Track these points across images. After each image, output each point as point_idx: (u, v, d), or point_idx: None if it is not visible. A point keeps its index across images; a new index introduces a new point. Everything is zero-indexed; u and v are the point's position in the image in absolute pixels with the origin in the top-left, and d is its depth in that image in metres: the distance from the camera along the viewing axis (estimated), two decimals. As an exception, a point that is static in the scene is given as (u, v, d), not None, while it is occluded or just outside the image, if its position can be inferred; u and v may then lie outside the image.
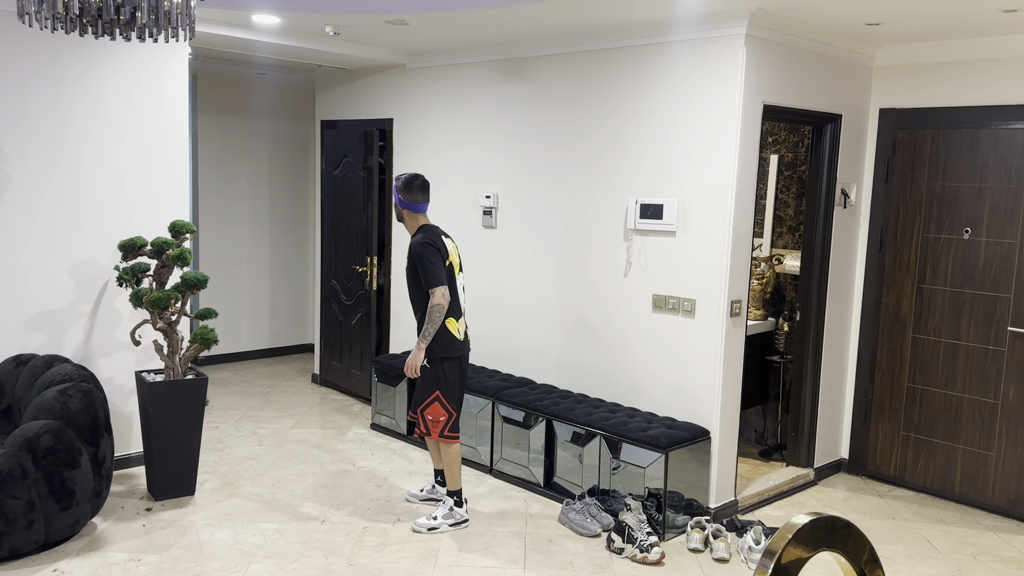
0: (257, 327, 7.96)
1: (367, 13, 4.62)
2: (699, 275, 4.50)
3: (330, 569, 3.85)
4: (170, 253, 4.51)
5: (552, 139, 5.20)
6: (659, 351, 4.71)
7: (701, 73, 4.42)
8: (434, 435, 4.33)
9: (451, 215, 5.91)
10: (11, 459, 3.68)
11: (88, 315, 4.79)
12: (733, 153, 4.32)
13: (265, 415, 6.22)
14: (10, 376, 4.40)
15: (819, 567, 3.92)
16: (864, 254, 5.25)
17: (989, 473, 4.81)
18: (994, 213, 4.71)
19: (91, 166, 4.72)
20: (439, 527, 4.29)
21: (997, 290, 4.72)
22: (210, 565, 3.84)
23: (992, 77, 4.67)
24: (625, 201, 4.82)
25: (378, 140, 6.36)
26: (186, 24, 2.89)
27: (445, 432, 4.33)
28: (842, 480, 5.28)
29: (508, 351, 5.58)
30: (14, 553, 3.76)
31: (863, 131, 5.15)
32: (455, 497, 4.34)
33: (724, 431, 4.53)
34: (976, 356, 4.82)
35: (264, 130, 7.84)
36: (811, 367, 5.14)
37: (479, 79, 5.64)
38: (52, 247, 4.63)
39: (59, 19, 2.80)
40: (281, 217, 8.05)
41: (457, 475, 4.36)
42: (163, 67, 4.90)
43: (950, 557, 4.25)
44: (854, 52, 4.89)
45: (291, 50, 5.66)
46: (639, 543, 4.04)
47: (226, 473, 5.00)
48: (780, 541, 1.48)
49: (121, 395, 4.94)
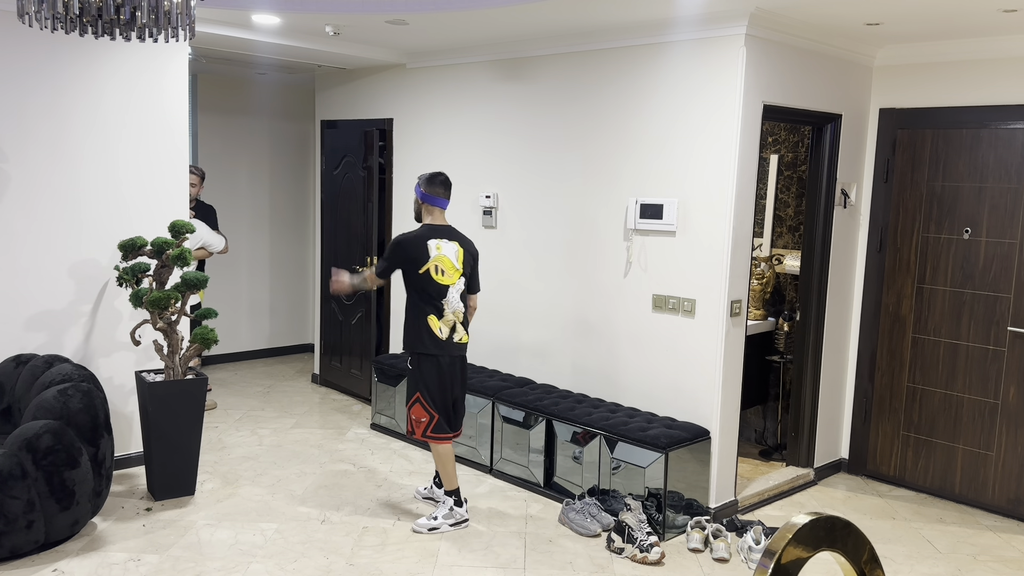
0: (257, 327, 7.96)
1: (367, 13, 4.62)
2: (699, 275, 4.50)
3: (330, 569, 3.85)
4: (170, 253, 4.51)
5: (552, 139, 5.20)
6: (659, 351, 4.71)
7: (701, 73, 4.42)
8: (418, 434, 4.33)
9: (451, 215, 5.90)
10: (11, 459, 3.68)
11: (88, 315, 4.79)
12: (733, 153, 4.32)
13: (265, 415, 6.22)
14: (10, 376, 4.40)
15: (819, 567, 3.92)
16: (864, 254, 5.25)
17: (989, 473, 4.81)
18: (994, 213, 4.71)
19: (91, 166, 4.72)
20: (439, 527, 4.28)
21: (997, 290, 4.72)
22: (210, 565, 3.85)
23: (992, 77, 4.67)
24: (625, 201, 4.82)
25: (378, 140, 6.36)
26: (186, 24, 2.89)
27: (428, 432, 4.31)
28: (842, 480, 5.28)
29: (508, 351, 5.58)
30: (14, 553, 3.76)
31: (863, 131, 5.16)
32: (454, 497, 4.33)
33: (724, 431, 4.53)
34: (976, 356, 4.82)
35: (264, 130, 7.84)
36: (811, 367, 5.14)
37: (479, 79, 5.64)
38: (52, 247, 4.63)
39: (59, 19, 2.80)
40: (281, 217, 8.05)
41: (451, 475, 4.35)
42: (163, 67, 4.89)
43: (950, 557, 4.25)
44: (854, 52, 4.89)
45: (291, 50, 5.66)
46: (639, 543, 4.04)
47: (226, 473, 5.00)
48: (780, 541, 1.49)
49: (121, 395, 4.94)
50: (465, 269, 4.35)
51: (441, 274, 4.25)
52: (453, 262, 4.29)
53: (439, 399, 4.30)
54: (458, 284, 4.31)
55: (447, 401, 4.33)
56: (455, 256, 4.30)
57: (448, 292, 4.26)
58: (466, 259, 4.36)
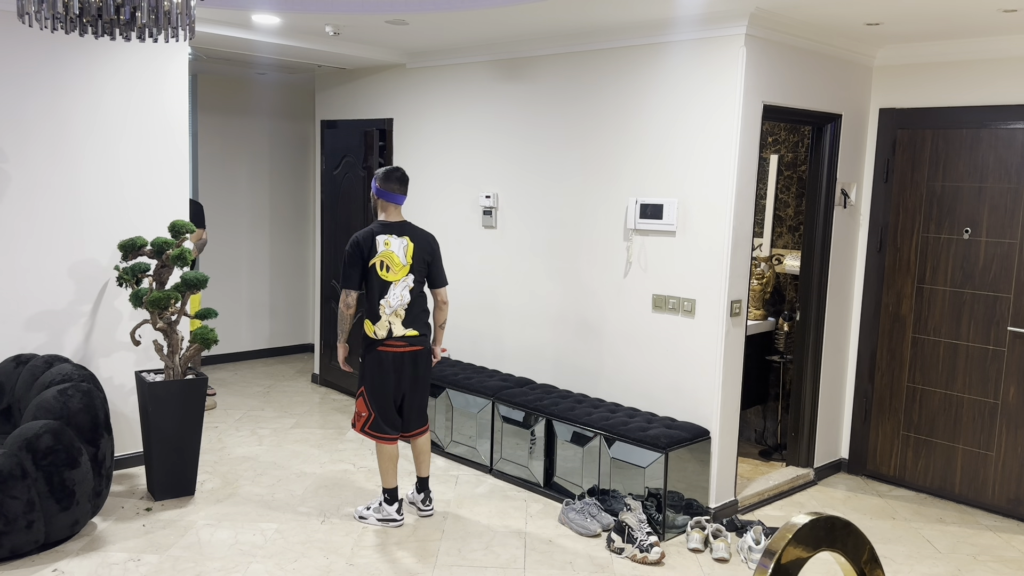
0: (257, 327, 7.96)
1: (367, 13, 4.62)
2: (699, 275, 4.50)
3: (330, 569, 3.85)
4: (170, 253, 4.51)
5: (552, 139, 5.20)
6: (659, 351, 4.71)
7: (701, 73, 4.42)
8: (356, 428, 4.34)
9: (451, 215, 5.91)
10: (11, 459, 3.68)
11: (88, 315, 4.79)
12: (733, 153, 4.32)
13: (265, 415, 6.22)
14: (10, 376, 4.40)
15: (819, 567, 3.92)
16: (864, 254, 5.25)
17: (989, 473, 4.81)
18: (994, 213, 4.71)
19: (91, 166, 4.72)
20: (368, 518, 4.35)
21: (997, 290, 4.72)
22: (210, 565, 3.85)
23: (992, 77, 4.67)
24: (625, 201, 4.82)
25: (378, 140, 6.36)
26: (186, 24, 2.89)
27: (365, 428, 4.30)
28: (842, 480, 5.28)
29: (508, 351, 5.58)
30: (14, 553, 3.76)
31: (863, 131, 5.16)
32: (385, 494, 4.34)
33: (724, 431, 4.53)
34: (976, 356, 4.82)
35: (264, 130, 7.84)
36: (811, 367, 5.14)
37: (479, 79, 5.64)
38: (52, 247, 4.63)
39: (59, 19, 2.80)
40: (281, 217, 8.05)
41: (386, 473, 4.33)
42: (163, 67, 4.90)
43: (950, 557, 4.25)
44: (854, 52, 4.90)
45: (291, 50, 5.66)
46: (639, 543, 4.04)
47: (226, 473, 5.00)
48: (780, 541, 1.49)
49: (121, 395, 4.94)
50: (417, 264, 4.28)
51: (386, 270, 4.21)
52: (400, 258, 4.23)
53: (377, 396, 4.27)
54: (405, 280, 4.23)
55: (386, 399, 4.28)
56: (403, 252, 4.24)
57: (390, 289, 4.21)
58: (417, 254, 4.27)
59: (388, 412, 4.30)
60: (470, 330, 5.82)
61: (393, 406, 4.31)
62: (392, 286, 4.22)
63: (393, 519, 4.33)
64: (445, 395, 5.36)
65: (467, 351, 5.85)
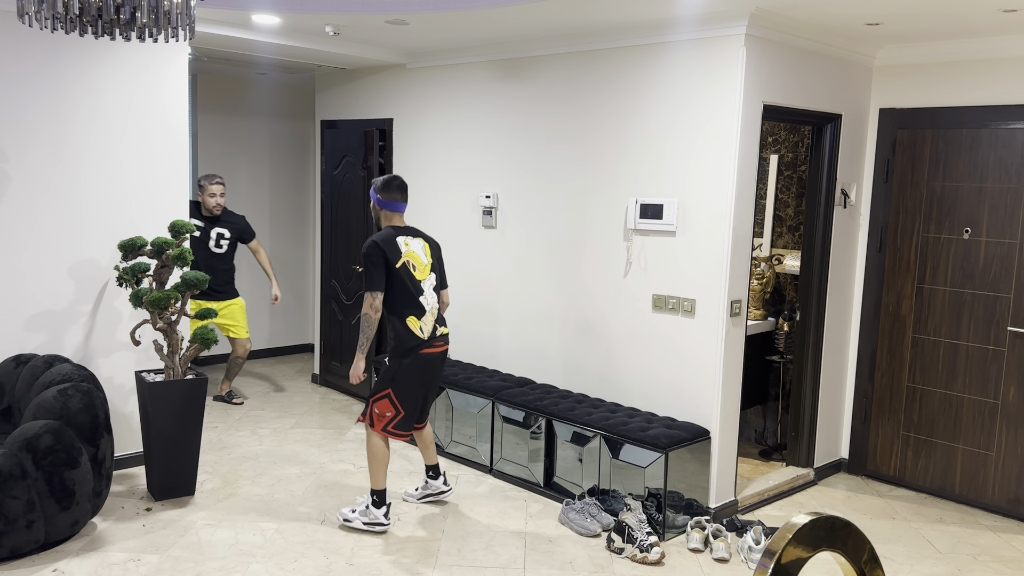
0: (257, 327, 7.95)
1: (367, 13, 4.62)
2: (699, 275, 4.50)
3: (330, 569, 3.85)
4: (170, 253, 4.51)
5: (552, 139, 5.20)
6: (659, 351, 4.71)
7: (701, 73, 4.43)
8: (377, 428, 4.23)
9: (451, 215, 5.91)
10: (11, 459, 3.68)
11: (88, 315, 4.79)
12: (733, 153, 4.32)
13: (265, 415, 6.22)
14: (10, 376, 4.40)
15: (819, 567, 3.92)
16: (864, 254, 5.25)
17: (989, 473, 4.81)
18: (994, 213, 4.71)
19: (91, 166, 4.72)
20: (353, 521, 4.25)
21: (997, 290, 4.72)
22: (210, 565, 3.85)
23: (992, 77, 4.67)
24: (625, 201, 4.82)
25: (378, 140, 6.36)
26: (186, 24, 2.89)
27: (390, 427, 4.24)
28: (842, 480, 5.28)
29: (508, 351, 5.58)
30: (14, 553, 3.76)
31: (863, 131, 5.16)
32: (375, 496, 4.25)
33: (724, 431, 4.53)
34: (976, 356, 4.82)
35: (264, 130, 7.84)
36: (811, 367, 5.14)
37: (479, 79, 5.64)
38: (52, 247, 4.63)
39: (59, 19, 2.80)
40: (281, 217, 8.05)
41: (379, 473, 4.25)
42: (163, 67, 4.90)
43: (950, 557, 4.25)
44: (854, 52, 4.90)
45: (291, 50, 5.66)
46: (639, 543, 4.04)
47: (226, 473, 5.00)
48: (780, 541, 1.49)
49: (121, 395, 4.94)
50: (436, 264, 4.35)
51: (415, 270, 4.23)
52: (422, 258, 4.27)
53: (412, 397, 4.25)
54: (430, 279, 4.29)
55: (418, 399, 4.29)
56: (423, 252, 4.29)
57: (424, 287, 4.25)
58: (434, 254, 4.36)
59: (417, 411, 4.34)
60: (470, 330, 5.82)
61: (421, 405, 4.37)
62: (423, 284, 4.26)
63: (380, 523, 4.23)
64: (445, 395, 5.36)
65: (467, 351, 5.85)
